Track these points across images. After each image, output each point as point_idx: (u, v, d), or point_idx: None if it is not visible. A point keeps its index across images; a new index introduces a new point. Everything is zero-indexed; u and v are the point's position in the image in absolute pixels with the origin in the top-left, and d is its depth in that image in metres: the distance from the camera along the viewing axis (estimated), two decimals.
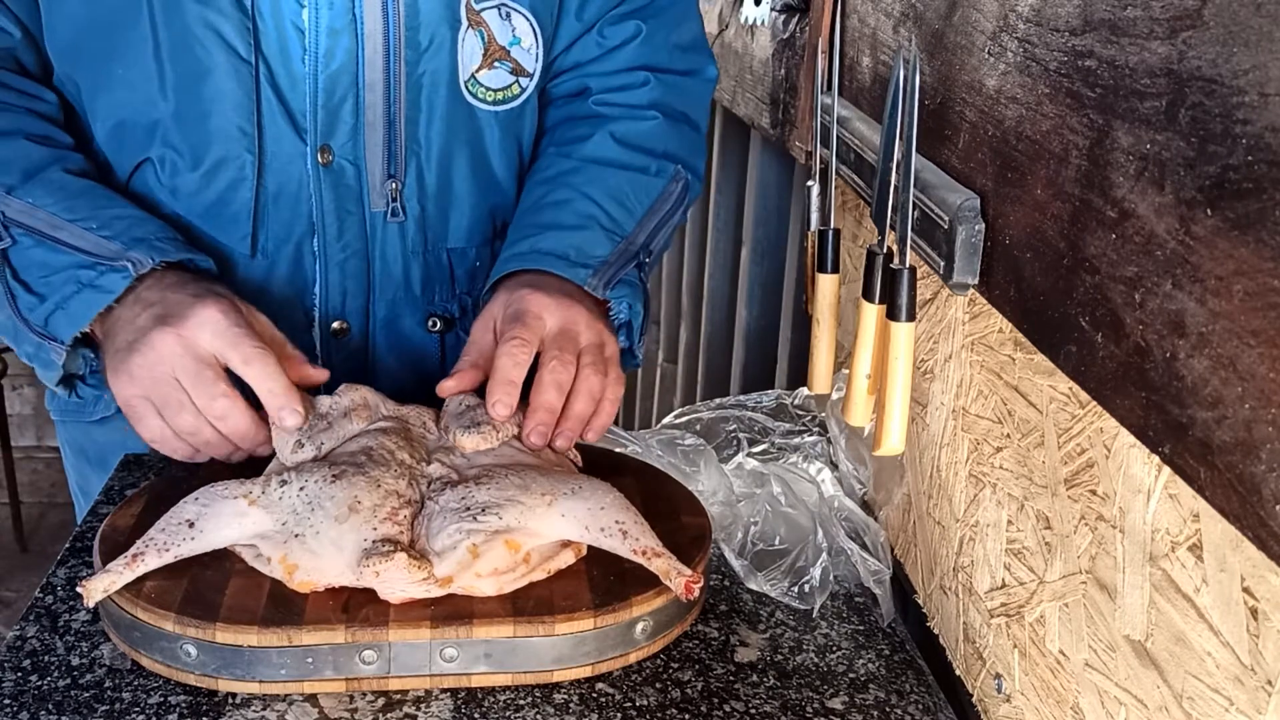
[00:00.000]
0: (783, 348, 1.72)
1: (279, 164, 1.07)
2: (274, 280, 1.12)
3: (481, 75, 1.10)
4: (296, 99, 1.05)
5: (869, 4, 1.08)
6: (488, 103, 1.12)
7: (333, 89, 1.05)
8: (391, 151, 1.09)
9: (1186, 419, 0.55)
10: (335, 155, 1.07)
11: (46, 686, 0.83)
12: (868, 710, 0.85)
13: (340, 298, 1.13)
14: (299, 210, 1.09)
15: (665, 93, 1.20)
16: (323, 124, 1.06)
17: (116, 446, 1.19)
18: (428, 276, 1.17)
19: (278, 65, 1.04)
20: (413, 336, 1.19)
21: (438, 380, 1.20)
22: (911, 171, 0.80)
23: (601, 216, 1.12)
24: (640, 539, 0.87)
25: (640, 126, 1.18)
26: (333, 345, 1.15)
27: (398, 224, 1.13)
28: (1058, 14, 0.69)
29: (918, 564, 0.99)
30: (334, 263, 1.12)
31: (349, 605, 0.84)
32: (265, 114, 1.05)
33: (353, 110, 1.06)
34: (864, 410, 0.88)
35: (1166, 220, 0.57)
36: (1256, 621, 0.53)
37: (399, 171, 1.10)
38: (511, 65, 1.12)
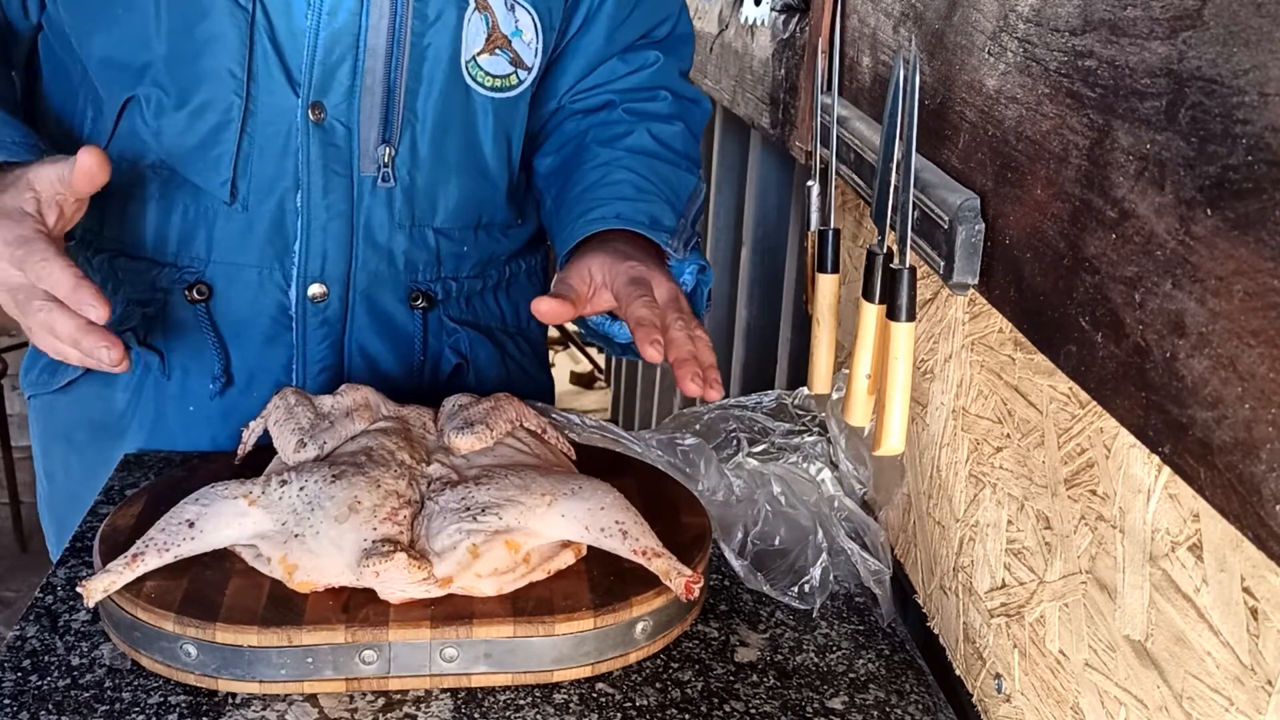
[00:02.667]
0: (783, 348, 1.72)
1: (268, 114, 1.08)
2: (254, 234, 1.12)
3: (482, 59, 1.12)
4: (294, 53, 1.06)
5: (869, 4, 1.08)
6: (485, 88, 1.13)
7: (332, 47, 1.06)
8: (388, 117, 1.10)
9: (1186, 419, 0.55)
10: (328, 114, 1.08)
11: (46, 686, 0.83)
12: (868, 710, 0.85)
13: (320, 261, 1.13)
14: (285, 165, 1.09)
15: (682, 110, 1.25)
16: (318, 80, 1.06)
17: (79, 419, 1.20)
18: (412, 252, 1.17)
19: (279, 18, 1.05)
20: (394, 313, 1.19)
21: (416, 360, 1.22)
22: (911, 171, 0.80)
23: (663, 191, 1.15)
24: (640, 539, 0.87)
25: (670, 129, 1.22)
26: (309, 309, 1.15)
27: (385, 191, 1.13)
28: (1058, 14, 0.69)
29: (918, 564, 0.99)
30: (317, 223, 1.12)
31: (349, 605, 0.84)
32: (259, 63, 1.06)
33: (350, 71, 1.07)
34: (864, 410, 0.88)
35: (1166, 220, 0.57)
36: (1256, 621, 0.53)
37: (394, 138, 1.11)
38: (511, 55, 1.14)
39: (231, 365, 1.16)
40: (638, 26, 1.22)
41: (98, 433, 1.19)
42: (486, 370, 1.26)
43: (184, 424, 1.18)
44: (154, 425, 1.18)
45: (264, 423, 1.02)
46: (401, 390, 1.18)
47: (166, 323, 1.15)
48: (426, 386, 1.22)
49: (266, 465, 0.99)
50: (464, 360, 1.23)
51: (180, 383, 1.17)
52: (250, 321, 1.15)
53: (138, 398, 1.18)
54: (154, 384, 1.17)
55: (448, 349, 1.23)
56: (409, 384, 1.22)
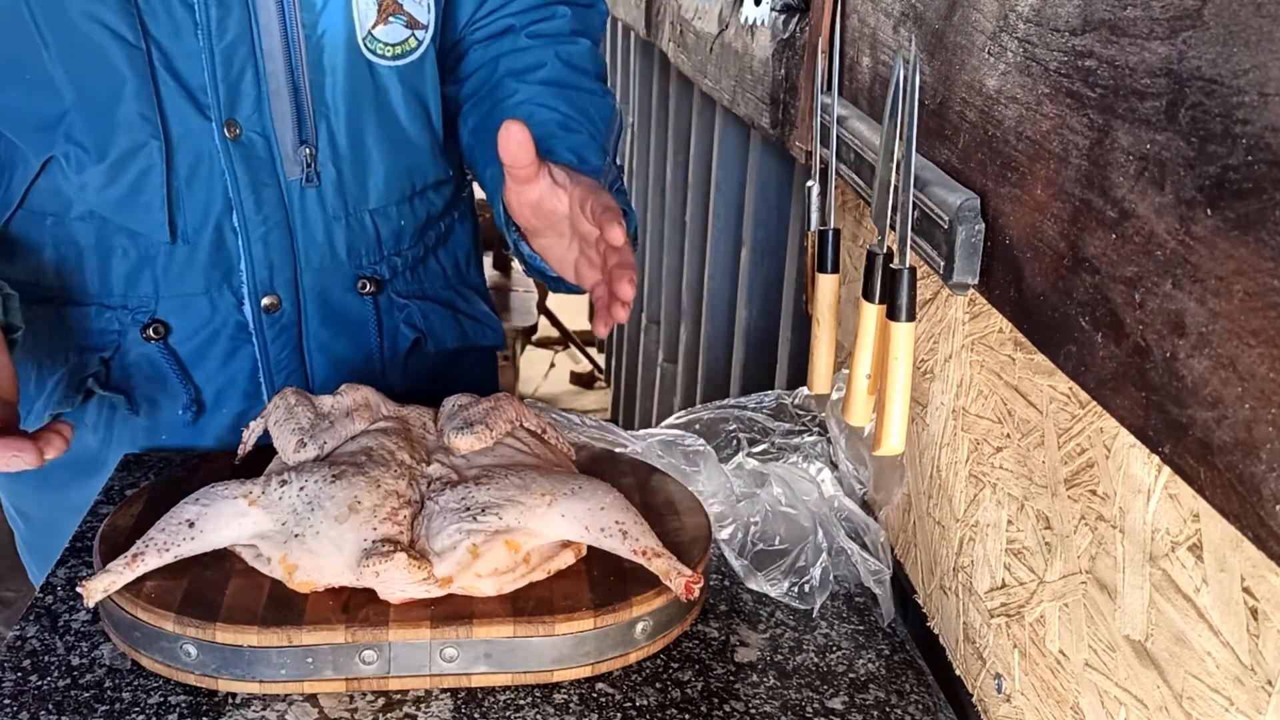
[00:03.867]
0: (783, 348, 1.72)
1: (187, 145, 1.06)
2: (197, 263, 1.11)
3: (378, 31, 1.10)
4: (194, 76, 1.04)
5: (869, 4, 1.08)
6: (386, 58, 1.12)
7: (230, 61, 1.04)
8: (301, 117, 1.09)
9: (1186, 419, 0.55)
10: (243, 129, 1.07)
11: (46, 686, 0.83)
12: (868, 710, 0.85)
13: (267, 272, 1.13)
14: (214, 189, 1.09)
15: (580, 21, 1.23)
16: (225, 98, 1.05)
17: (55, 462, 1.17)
18: (352, 240, 1.17)
19: (171, 45, 1.03)
20: (344, 303, 1.19)
21: (375, 348, 1.20)
22: (911, 171, 0.80)
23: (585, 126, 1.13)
24: (640, 539, 0.87)
25: (577, 48, 1.20)
26: (265, 321, 1.15)
27: (315, 190, 1.12)
28: (1058, 14, 0.69)
29: (918, 564, 0.99)
30: (256, 237, 1.11)
31: (349, 605, 0.84)
32: (165, 96, 1.04)
33: (254, 81, 1.06)
34: (864, 410, 0.88)
35: (1166, 220, 0.57)
36: (1256, 621, 0.53)
37: (310, 136, 1.10)
38: (406, 18, 1.12)
39: (201, 392, 1.16)
40: None
41: (76, 473, 1.18)
42: (443, 335, 1.26)
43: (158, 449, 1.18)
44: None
45: (264, 423, 1.02)
46: (367, 375, 1.18)
47: (126, 362, 1.14)
48: (389, 366, 1.23)
49: (266, 465, 0.99)
50: (420, 333, 1.23)
51: (149, 416, 1.17)
52: (209, 344, 1.15)
53: (109, 435, 1.17)
54: (122, 421, 1.17)
55: (402, 325, 1.23)
56: (372, 368, 1.21)
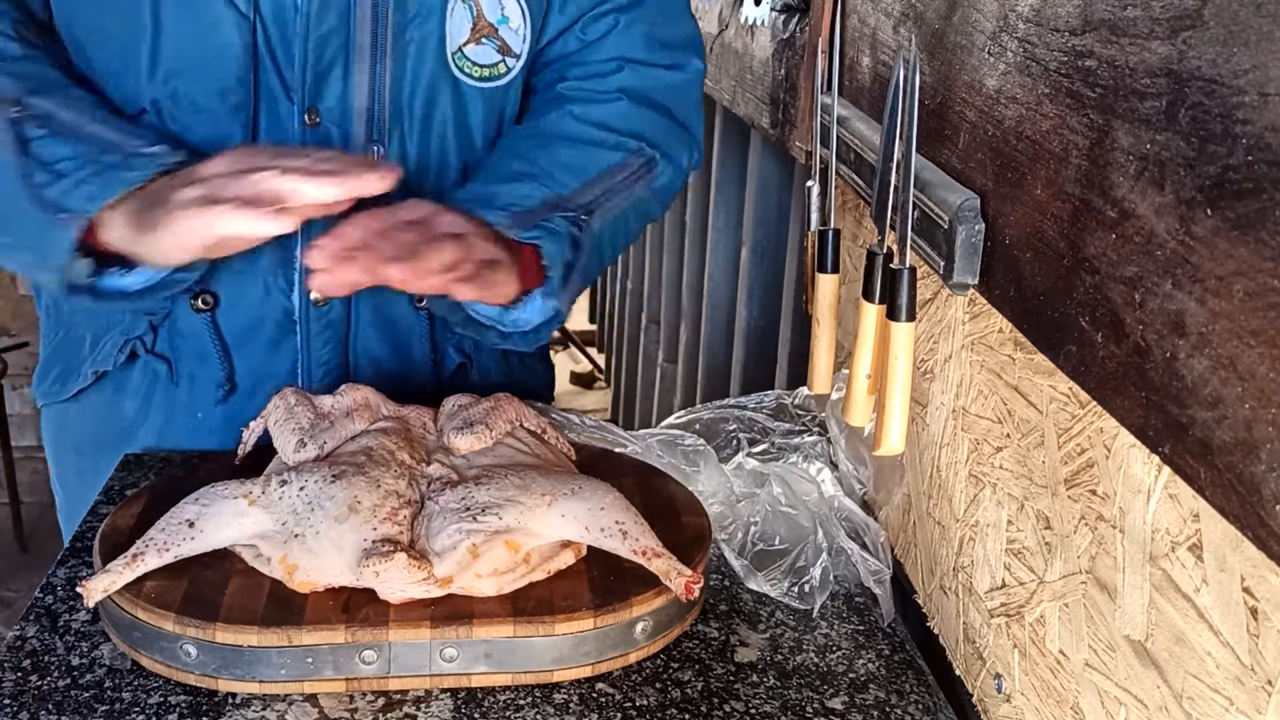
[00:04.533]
0: (783, 348, 1.72)
1: (269, 123, 1.07)
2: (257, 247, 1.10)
3: (469, 50, 1.11)
4: (286, 59, 1.05)
5: (869, 4, 1.08)
6: (474, 78, 1.12)
7: (323, 52, 1.05)
8: (375, 116, 1.09)
9: (1186, 419, 0.55)
10: (322, 119, 1.07)
11: (46, 686, 0.83)
12: (868, 710, 0.85)
13: None
14: None
15: (638, 81, 1.19)
16: (311, 86, 1.06)
17: (89, 428, 1.20)
18: None
19: (273, 25, 1.04)
20: (398, 314, 1.18)
21: (423, 361, 1.20)
22: (911, 171, 0.80)
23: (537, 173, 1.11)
24: (640, 539, 0.87)
25: (603, 108, 1.17)
26: (313, 314, 1.14)
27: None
28: (1058, 14, 0.69)
29: (918, 564, 0.99)
30: (316, 227, 1.09)
31: (349, 605, 0.84)
32: (261, 73, 1.05)
33: (341, 75, 1.06)
34: (864, 410, 0.88)
35: (1166, 220, 0.57)
36: (1256, 621, 0.53)
37: (383, 137, 1.10)
38: (499, 44, 1.12)
39: (236, 372, 1.16)
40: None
41: (107, 441, 1.19)
42: (489, 367, 1.26)
43: (191, 430, 1.18)
44: (162, 431, 1.19)
45: (264, 423, 1.02)
46: (406, 390, 1.18)
47: (173, 331, 1.15)
48: (431, 386, 1.22)
49: (266, 465, 0.99)
50: (467, 359, 1.23)
51: (188, 390, 1.17)
52: (255, 328, 1.15)
53: (147, 405, 1.18)
54: (163, 391, 1.18)
55: (451, 348, 1.22)
56: (413, 384, 1.21)
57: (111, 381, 1.18)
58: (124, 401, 1.18)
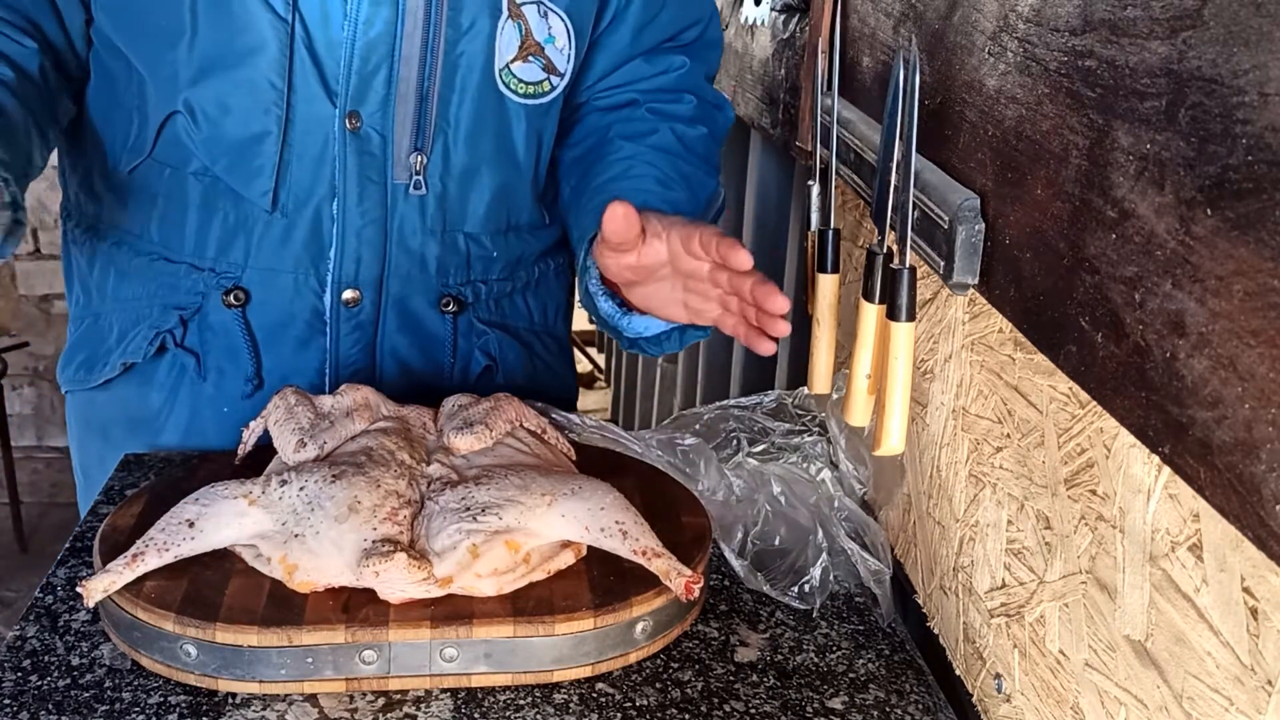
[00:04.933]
0: (783, 348, 1.72)
1: (306, 124, 1.09)
2: (292, 241, 1.13)
3: (515, 67, 1.13)
4: (331, 63, 1.07)
5: (869, 4, 1.08)
6: (519, 94, 1.14)
7: (368, 56, 1.07)
8: (421, 125, 1.11)
9: (1186, 419, 0.55)
10: (364, 123, 1.09)
11: (46, 686, 0.83)
12: (868, 710, 0.85)
13: (355, 266, 1.15)
14: (321, 173, 1.11)
15: (705, 114, 1.25)
16: (354, 90, 1.08)
17: (117, 415, 1.21)
18: (444, 257, 1.19)
19: (316, 29, 1.06)
20: (425, 317, 1.21)
21: (446, 362, 1.23)
22: (911, 171, 0.80)
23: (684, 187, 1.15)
24: (640, 539, 0.87)
25: (694, 132, 1.23)
26: (343, 314, 1.17)
27: (418, 199, 1.14)
28: (1058, 14, 0.69)
29: (918, 564, 0.99)
30: (351, 229, 1.13)
31: (349, 605, 0.84)
32: (297, 73, 1.07)
33: (385, 80, 1.08)
34: (864, 410, 0.88)
35: (1166, 220, 0.57)
36: (1256, 621, 0.53)
37: (426, 145, 1.12)
38: (544, 62, 1.15)
39: (264, 368, 1.18)
40: (665, 29, 1.23)
41: (135, 429, 1.21)
42: (514, 370, 1.28)
43: (218, 424, 1.19)
44: (189, 424, 1.20)
45: (264, 423, 1.02)
46: (431, 391, 1.19)
47: (203, 326, 1.17)
48: (456, 388, 1.24)
49: (266, 465, 0.99)
50: (493, 362, 1.25)
51: (215, 384, 1.18)
52: (285, 325, 1.17)
53: (173, 397, 1.19)
54: (190, 385, 1.19)
55: (477, 351, 1.24)
56: (439, 385, 1.23)
57: (139, 373, 1.19)
58: (150, 394, 1.20)
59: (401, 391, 1.20)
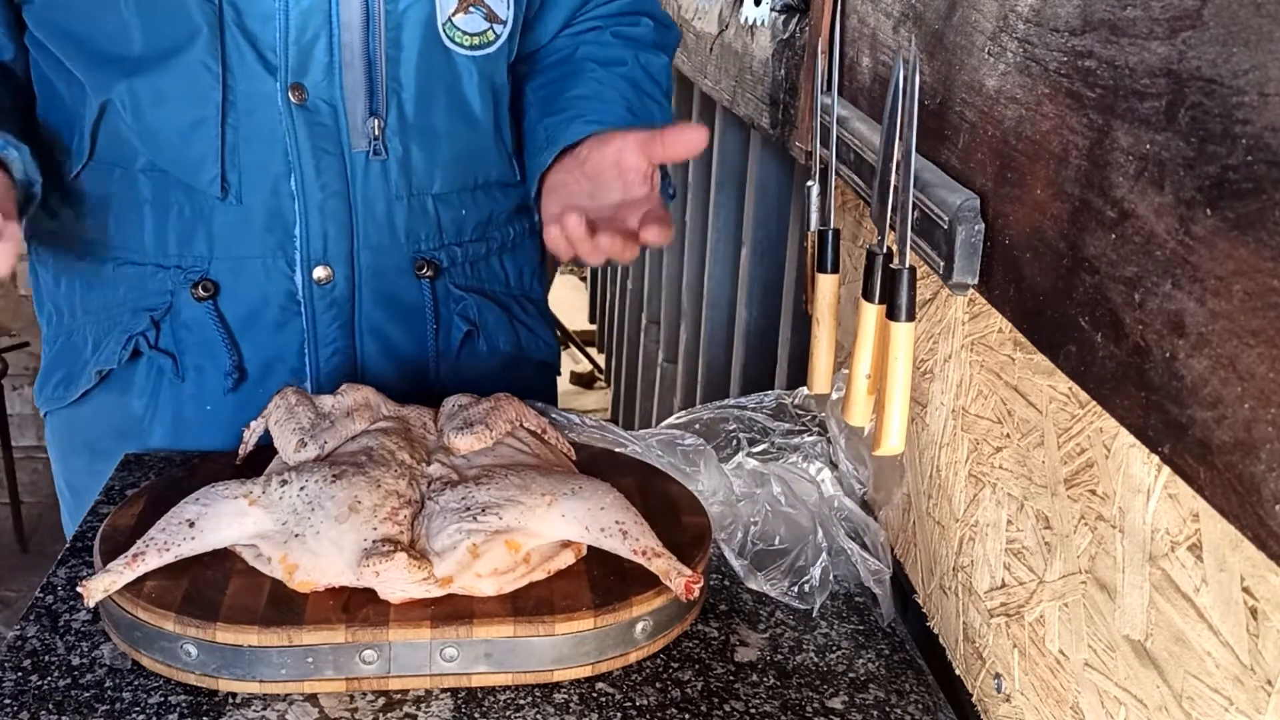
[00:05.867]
0: (783, 348, 1.72)
1: (248, 103, 1.07)
2: (252, 224, 1.12)
3: (458, 19, 1.12)
4: (266, 37, 1.05)
5: (869, 4, 1.08)
6: (464, 47, 1.14)
7: (304, 25, 1.05)
8: (373, 90, 1.10)
9: (1186, 419, 0.55)
10: (310, 94, 1.08)
11: (47, 686, 0.83)
12: (868, 710, 0.85)
13: (322, 242, 1.13)
14: (274, 151, 1.09)
15: (661, 37, 1.27)
16: (294, 61, 1.06)
17: (100, 428, 1.20)
18: (412, 222, 1.18)
19: (246, 4, 1.04)
20: (401, 287, 1.19)
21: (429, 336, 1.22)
22: (911, 171, 0.80)
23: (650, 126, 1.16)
24: (640, 539, 0.87)
25: (657, 61, 1.25)
26: (316, 293, 1.15)
27: (380, 164, 1.13)
28: (1058, 14, 0.69)
29: (918, 564, 0.99)
30: (313, 204, 1.12)
31: (349, 605, 0.84)
32: (231, 52, 1.05)
33: (326, 48, 1.07)
34: (864, 410, 0.88)
35: (1166, 220, 0.57)
36: (1256, 621, 0.53)
37: (381, 109, 1.11)
38: (485, 11, 1.14)
39: (244, 359, 1.17)
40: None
41: (122, 438, 1.20)
42: (496, 335, 1.27)
43: (203, 421, 1.18)
44: (174, 426, 1.19)
45: (264, 422, 1.02)
46: (415, 363, 1.19)
47: (176, 324, 1.15)
48: (441, 357, 1.23)
49: (267, 465, 0.99)
50: (474, 327, 1.24)
51: (196, 382, 1.17)
52: (259, 312, 1.15)
53: (155, 401, 1.18)
54: (169, 386, 1.18)
55: (457, 317, 1.23)
56: (422, 357, 1.22)
57: (117, 381, 1.18)
58: (131, 400, 1.19)
59: (384, 366, 1.19)
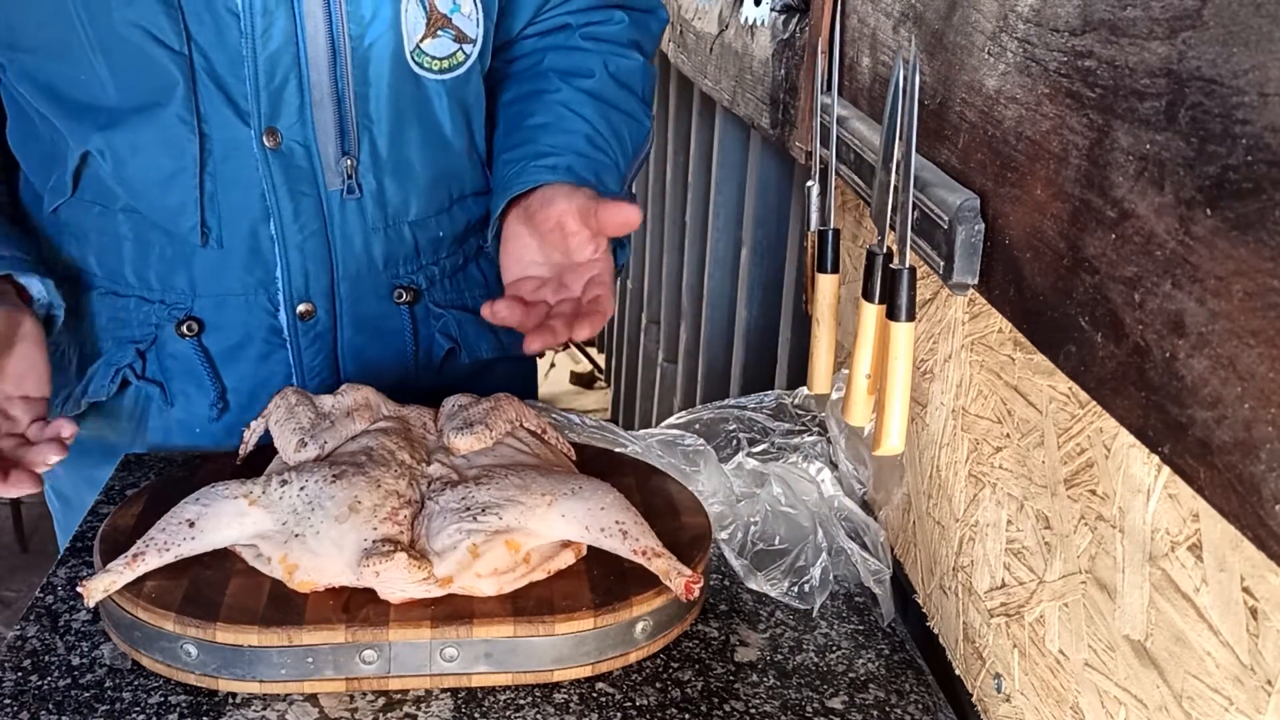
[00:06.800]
0: (783, 348, 1.72)
1: (224, 150, 1.06)
2: (232, 266, 1.12)
3: (426, 45, 1.10)
4: (236, 84, 1.04)
5: (869, 4, 1.08)
6: (434, 72, 1.11)
7: (273, 70, 1.04)
8: (343, 128, 1.09)
9: (1186, 419, 0.55)
10: (283, 137, 1.06)
11: (46, 686, 0.84)
12: (868, 710, 0.85)
13: (303, 279, 1.13)
14: (251, 195, 1.09)
15: (638, 31, 1.23)
16: (266, 106, 1.05)
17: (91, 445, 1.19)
18: (390, 251, 1.17)
19: (214, 51, 1.03)
20: (380, 312, 1.19)
21: (410, 356, 1.22)
22: (911, 171, 0.80)
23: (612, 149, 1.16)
24: (640, 539, 0.87)
25: (629, 63, 1.21)
26: (300, 328, 1.15)
27: (355, 201, 1.12)
28: (1058, 14, 0.69)
29: (918, 564, 0.99)
30: (293, 245, 1.11)
31: (349, 605, 0.84)
32: (204, 101, 1.04)
33: (296, 90, 1.05)
34: (864, 410, 0.88)
35: (1166, 220, 0.57)
36: (1256, 621, 0.53)
37: (353, 148, 1.10)
38: (454, 33, 1.11)
39: (229, 389, 1.17)
40: None
41: (107, 457, 1.19)
42: (478, 345, 1.26)
43: (190, 446, 1.19)
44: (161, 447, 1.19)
45: (264, 422, 1.02)
46: (398, 384, 1.18)
47: (162, 355, 1.15)
48: (423, 376, 1.23)
49: (267, 465, 0.99)
50: (455, 344, 1.23)
51: (184, 409, 1.17)
52: (243, 346, 1.15)
53: (142, 427, 1.18)
54: (157, 413, 1.18)
55: (438, 334, 1.23)
56: (404, 378, 1.21)
57: (105, 408, 1.17)
58: (119, 424, 1.19)
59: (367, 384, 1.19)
